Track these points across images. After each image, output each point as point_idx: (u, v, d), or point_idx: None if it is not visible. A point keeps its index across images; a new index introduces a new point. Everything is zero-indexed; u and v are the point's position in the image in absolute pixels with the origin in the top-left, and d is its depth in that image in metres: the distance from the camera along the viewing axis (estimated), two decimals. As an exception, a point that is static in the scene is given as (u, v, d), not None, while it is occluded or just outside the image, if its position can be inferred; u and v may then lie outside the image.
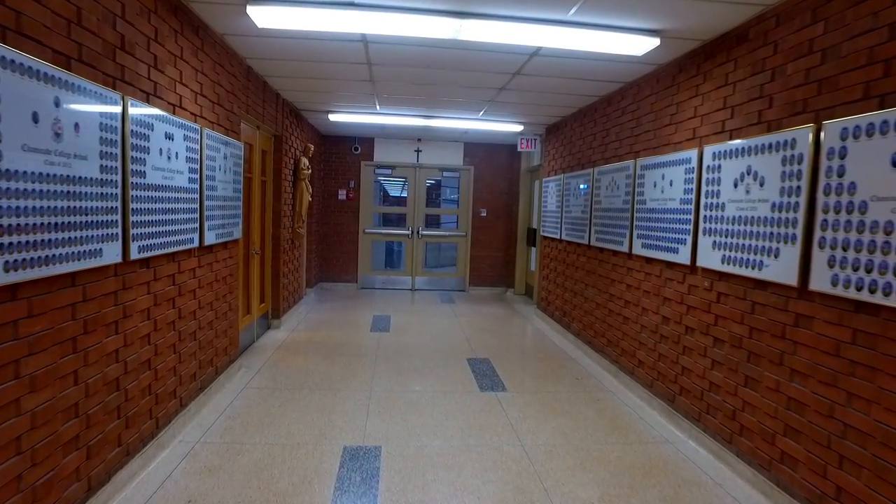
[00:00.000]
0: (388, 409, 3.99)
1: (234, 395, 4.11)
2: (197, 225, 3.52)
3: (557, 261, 6.76)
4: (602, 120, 5.46)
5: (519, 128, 7.27)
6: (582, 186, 6.16)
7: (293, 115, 6.54)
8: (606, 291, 5.18)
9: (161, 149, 2.93)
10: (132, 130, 2.58)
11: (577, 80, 4.78)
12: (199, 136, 3.49)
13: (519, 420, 3.89)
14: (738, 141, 3.15)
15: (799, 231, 2.62)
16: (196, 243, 3.53)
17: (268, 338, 5.86)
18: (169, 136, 3.02)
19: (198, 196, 3.51)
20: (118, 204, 2.48)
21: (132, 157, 2.59)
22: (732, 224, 3.19)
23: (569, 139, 6.50)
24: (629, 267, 4.71)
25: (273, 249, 6.14)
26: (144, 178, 2.74)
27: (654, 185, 4.23)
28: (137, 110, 2.64)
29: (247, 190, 5.17)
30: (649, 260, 4.35)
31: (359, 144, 9.24)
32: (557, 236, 6.70)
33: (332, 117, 6.89)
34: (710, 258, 3.43)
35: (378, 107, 6.42)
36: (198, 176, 3.50)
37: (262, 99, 5.18)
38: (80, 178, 2.16)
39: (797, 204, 2.64)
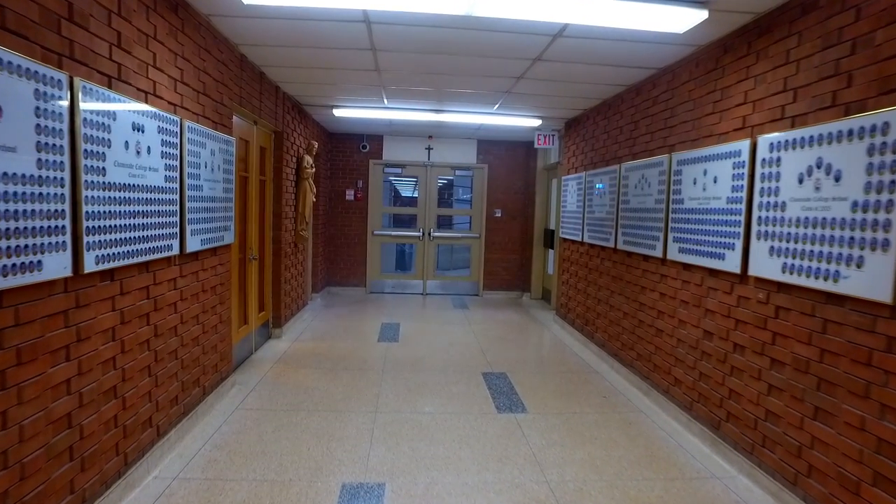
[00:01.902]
0: (394, 435, 3.55)
1: (223, 419, 3.70)
2: (177, 229, 3.11)
3: (578, 265, 6.29)
4: (630, 112, 4.98)
5: (536, 122, 6.80)
6: (599, 185, 5.71)
7: (295, 110, 6.13)
8: (636, 300, 4.70)
9: (127, 142, 2.51)
10: (86, 119, 2.17)
11: (604, 66, 4.31)
12: (178, 129, 3.08)
13: (542, 448, 3.44)
14: (803, 129, 2.66)
15: (893, 236, 2.14)
16: (176, 250, 3.12)
17: (267, 349, 5.45)
18: (138, 128, 2.61)
19: (177, 197, 3.10)
20: (65, 206, 2.07)
21: (86, 150, 2.18)
22: (796, 227, 2.70)
23: (591, 134, 6.02)
24: (663, 273, 4.23)
25: (273, 254, 5.74)
26: (104, 175, 2.33)
27: (694, 183, 3.74)
28: (93, 95, 2.22)
29: (242, 190, 4.77)
30: (687, 266, 3.87)
31: (367, 142, 8.83)
32: (578, 238, 6.23)
33: (338, 112, 6.47)
34: (765, 266, 2.95)
35: (385, 100, 5.99)
36: (177, 174, 3.09)
37: (258, 91, 4.77)
38: (3, 174, 1.74)
39: (890, 202, 2.16)
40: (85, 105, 2.16)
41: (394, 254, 10.11)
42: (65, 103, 2.04)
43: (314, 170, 6.57)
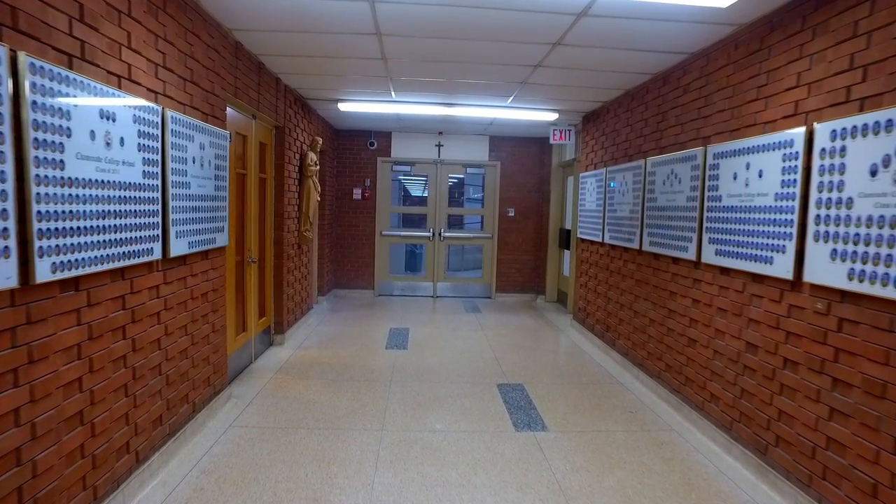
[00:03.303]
0: (401, 458, 3.21)
1: (215, 439, 3.37)
2: (159, 231, 2.79)
3: (598, 267, 5.91)
4: (656, 102, 4.59)
5: (552, 116, 6.42)
6: (612, 185, 5.39)
7: (298, 105, 5.81)
8: (664, 306, 4.32)
9: (93, 131, 2.19)
10: (35, 102, 1.84)
11: (631, 51, 3.93)
12: (159, 119, 2.75)
13: (566, 474, 3.08)
14: (878, 112, 2.28)
15: None
16: (158, 254, 2.80)
17: (268, 357, 5.13)
18: (108, 116, 2.29)
19: (159, 195, 2.78)
20: (8, 205, 1.74)
21: (36, 139, 1.85)
22: (868, 227, 2.32)
23: (612, 127, 5.64)
24: (696, 278, 3.85)
25: (275, 256, 5.42)
26: (62, 169, 2.00)
27: (735, 178, 3.36)
28: (45, 75, 1.90)
29: (239, 188, 4.45)
30: (725, 270, 3.49)
31: (375, 139, 8.50)
32: (598, 239, 5.85)
33: (343, 107, 6.14)
34: (826, 272, 2.56)
35: (393, 93, 5.65)
36: (158, 169, 2.76)
37: (256, 83, 4.45)
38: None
39: None
40: (34, 86, 1.83)
41: (403, 255, 9.78)
42: (5, 82, 1.72)
43: (318, 167, 6.25)
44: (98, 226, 2.25)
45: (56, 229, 1.98)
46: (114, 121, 2.33)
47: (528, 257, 8.88)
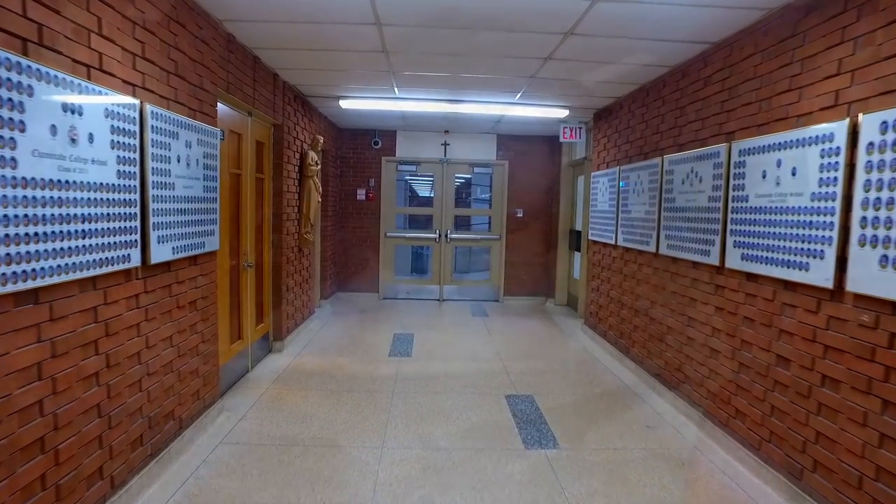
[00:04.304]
0: (402, 480, 2.96)
1: (203, 458, 3.14)
2: (137, 236, 2.56)
3: (611, 270, 5.64)
4: (674, 96, 4.32)
5: (563, 113, 6.16)
6: (622, 184, 5.15)
7: (298, 102, 5.58)
8: (683, 314, 4.05)
9: (55, 126, 1.96)
10: (-21, 92, 1.62)
11: (648, 41, 3.67)
12: (137, 114, 2.53)
13: (581, 500, 2.82)
14: (937, 100, 2.02)
15: None
16: (137, 261, 2.57)
17: (266, 365, 4.91)
18: (72, 110, 2.06)
19: (137, 196, 2.55)
20: (-57, 209, 1.52)
21: (-21, 134, 1.63)
22: (925, 230, 2.05)
23: (625, 124, 5.37)
24: (719, 284, 3.58)
25: (274, 260, 5.19)
26: (14, 167, 1.78)
27: (763, 176, 3.09)
28: (-6, 61, 1.68)
29: (234, 189, 4.22)
30: (752, 276, 3.22)
31: (379, 138, 8.26)
32: (611, 241, 5.58)
33: (344, 104, 5.90)
34: (874, 280, 2.29)
35: (396, 90, 5.41)
36: (136, 169, 2.54)
37: (251, 78, 4.22)
38: None
39: None
40: (-21, 73, 1.61)
41: (409, 257, 9.55)
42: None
43: (320, 167, 6.02)
44: (61, 231, 2.02)
45: (7, 236, 1.75)
46: (80, 114, 2.10)
47: (538, 259, 8.61)
